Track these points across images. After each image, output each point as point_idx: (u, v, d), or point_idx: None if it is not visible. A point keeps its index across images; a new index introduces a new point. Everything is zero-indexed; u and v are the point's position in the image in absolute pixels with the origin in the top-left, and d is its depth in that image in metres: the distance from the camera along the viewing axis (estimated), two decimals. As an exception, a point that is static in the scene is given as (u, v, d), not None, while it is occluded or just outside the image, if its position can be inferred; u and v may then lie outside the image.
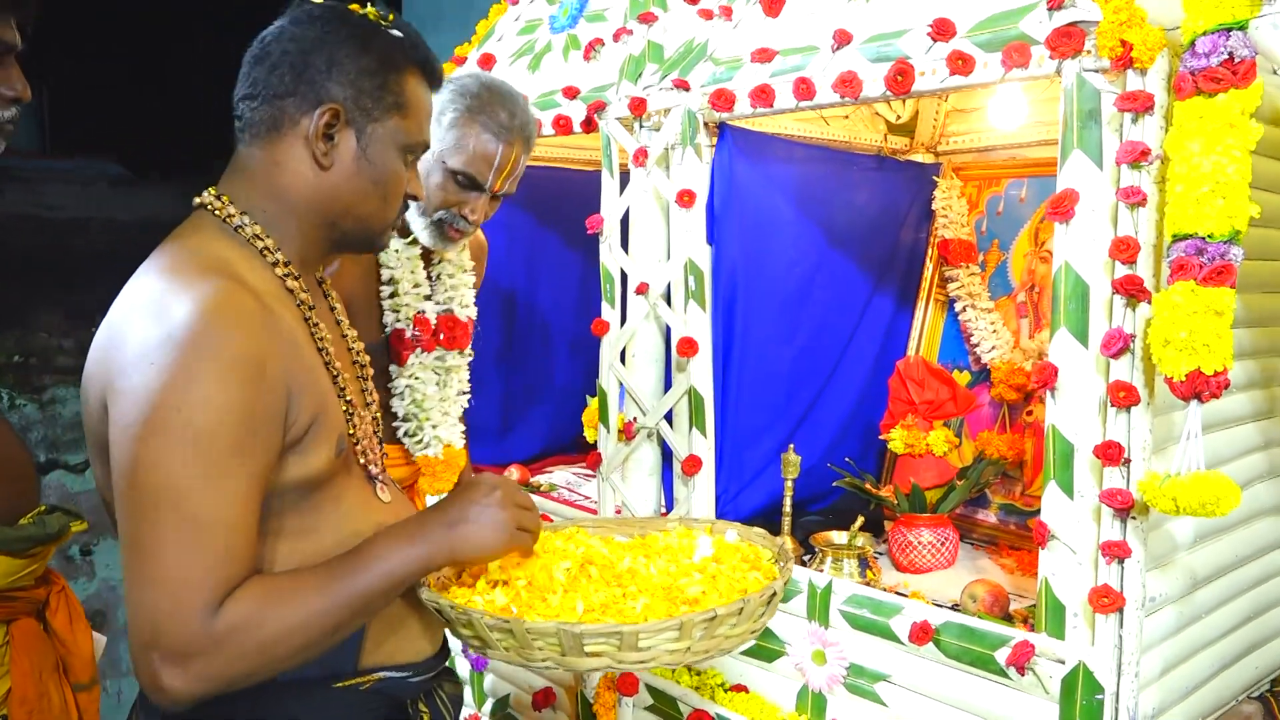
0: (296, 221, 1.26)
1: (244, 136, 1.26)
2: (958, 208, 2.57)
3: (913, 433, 2.25)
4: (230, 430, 1.07)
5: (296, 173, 1.24)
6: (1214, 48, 1.37)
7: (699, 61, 2.12)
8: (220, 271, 1.14)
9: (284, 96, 1.22)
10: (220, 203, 1.24)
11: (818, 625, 1.89)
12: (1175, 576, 1.68)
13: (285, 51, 1.22)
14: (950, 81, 1.70)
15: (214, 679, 1.07)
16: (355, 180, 1.25)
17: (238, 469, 1.08)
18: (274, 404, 1.12)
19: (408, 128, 1.27)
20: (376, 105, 1.24)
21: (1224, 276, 1.38)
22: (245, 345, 1.10)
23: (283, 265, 1.24)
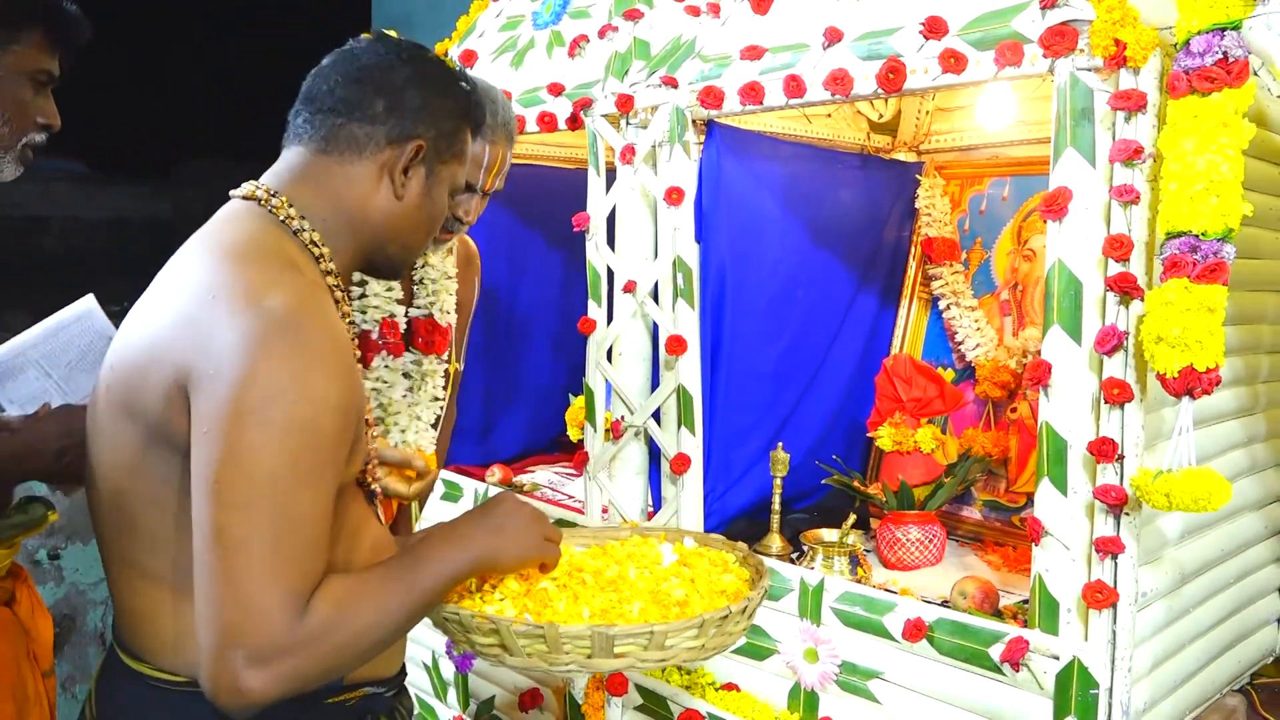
0: (353, 238, 1.28)
1: (311, 145, 1.27)
2: (941, 206, 2.59)
3: (900, 430, 2.26)
4: (330, 425, 1.07)
5: (368, 195, 1.27)
6: (1208, 47, 1.38)
7: (687, 58, 2.11)
8: (296, 268, 1.16)
9: (374, 122, 1.26)
10: (279, 202, 1.24)
11: (809, 623, 1.89)
12: (1165, 571, 1.70)
13: (382, 80, 1.26)
14: (943, 80, 1.71)
15: (297, 679, 1.04)
16: (417, 213, 1.31)
17: (330, 465, 1.08)
18: (357, 404, 1.13)
19: (460, 173, 1.36)
20: (448, 149, 1.31)
21: (1217, 274, 1.39)
22: (337, 341, 1.11)
23: (335, 276, 1.25)
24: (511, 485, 2.78)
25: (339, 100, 1.26)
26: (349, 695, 1.27)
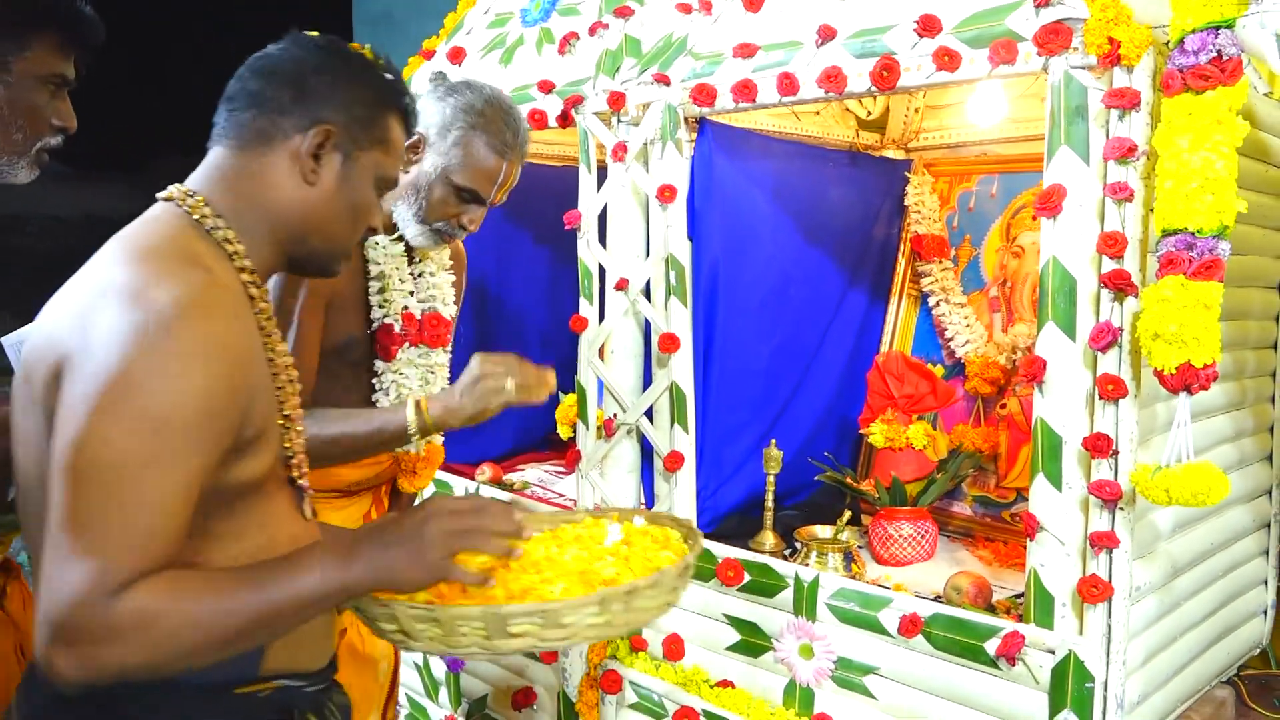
0: (269, 231, 1.28)
1: (227, 141, 1.28)
2: (930, 203, 2.60)
3: (893, 427, 2.26)
4: (187, 420, 1.07)
5: (280, 185, 1.27)
6: (1203, 45, 1.40)
7: (678, 56, 2.11)
8: (199, 265, 1.15)
9: (281, 112, 1.26)
10: (194, 201, 1.24)
11: (805, 620, 1.89)
12: (1158, 565, 1.71)
13: (287, 70, 1.27)
14: (936, 77, 1.72)
15: (101, 668, 1.02)
16: (334, 201, 1.29)
17: (184, 460, 1.07)
18: (236, 403, 1.13)
19: (385, 163, 1.33)
20: (365, 136, 1.30)
21: (1213, 271, 1.40)
22: (222, 340, 1.11)
23: (249, 272, 1.25)
24: (501, 483, 2.78)
25: (247, 95, 1.27)
26: (261, 686, 1.25)
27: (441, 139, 1.82)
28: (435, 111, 1.83)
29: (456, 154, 1.83)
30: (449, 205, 1.86)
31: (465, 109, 1.83)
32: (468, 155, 1.83)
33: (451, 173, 1.83)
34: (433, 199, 1.84)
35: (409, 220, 1.86)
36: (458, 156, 1.83)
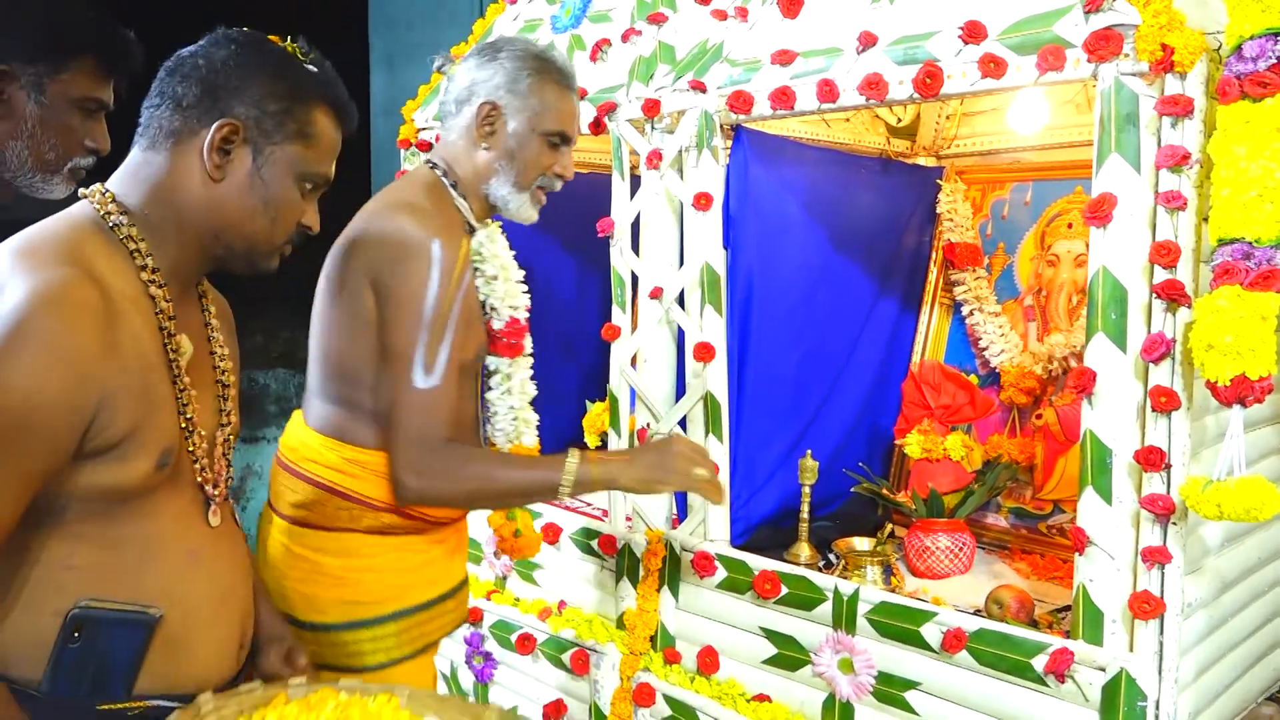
0: (177, 229, 1.26)
1: (142, 140, 1.28)
2: (962, 211, 2.57)
3: (930, 437, 2.24)
4: (19, 417, 1.06)
5: (187, 181, 1.25)
6: (1261, 52, 1.37)
7: (714, 63, 2.09)
8: (77, 264, 1.14)
9: (189, 108, 1.25)
10: (103, 199, 1.25)
11: (844, 633, 1.87)
12: (1207, 581, 1.68)
13: (198, 66, 1.26)
14: (981, 84, 1.69)
15: None
16: (247, 197, 1.27)
17: (15, 454, 1.07)
18: (75, 407, 1.10)
19: (308, 157, 1.30)
20: (278, 130, 1.27)
21: (1270, 281, 1.38)
22: (62, 342, 1.08)
23: (150, 271, 1.23)
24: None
25: (160, 92, 1.27)
26: (131, 705, 1.21)
27: (514, 95, 1.73)
28: (491, 74, 1.73)
29: (535, 102, 1.74)
30: (544, 157, 1.77)
31: (520, 58, 1.75)
32: (545, 99, 1.75)
33: (537, 123, 1.74)
34: (528, 158, 1.75)
35: (509, 193, 1.77)
36: (537, 104, 1.74)
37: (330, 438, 1.67)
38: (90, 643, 1.17)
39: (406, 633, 1.72)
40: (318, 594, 1.67)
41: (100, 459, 1.14)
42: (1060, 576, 2.21)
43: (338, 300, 1.64)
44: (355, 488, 1.65)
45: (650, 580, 2.16)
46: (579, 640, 2.25)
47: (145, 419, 1.17)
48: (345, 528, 1.67)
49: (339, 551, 1.68)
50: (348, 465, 1.65)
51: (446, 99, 1.78)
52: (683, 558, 2.12)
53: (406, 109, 2.79)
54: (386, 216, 1.63)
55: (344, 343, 1.65)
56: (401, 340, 1.57)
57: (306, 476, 1.67)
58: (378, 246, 1.60)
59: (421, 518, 1.71)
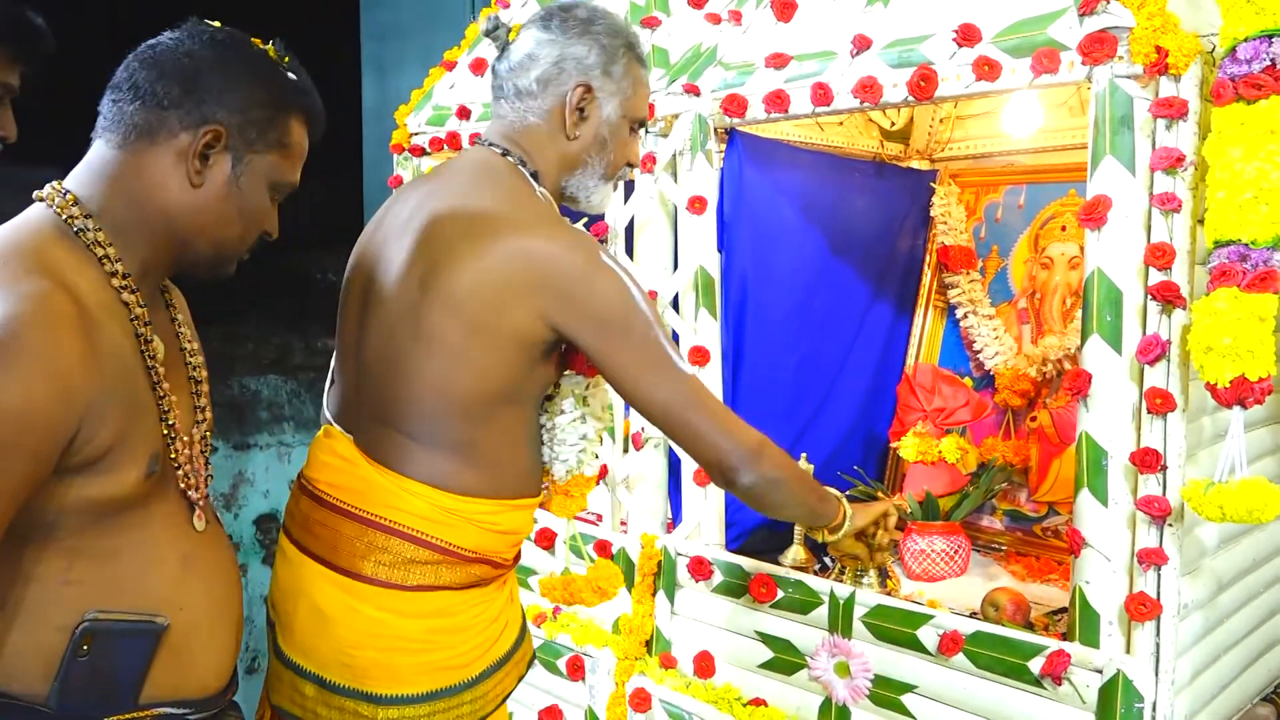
0: (148, 233, 1.21)
1: (109, 136, 1.21)
2: (956, 214, 2.58)
3: (925, 440, 2.24)
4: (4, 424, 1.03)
5: (162, 185, 1.20)
6: (1256, 54, 1.38)
7: (708, 66, 2.09)
8: (48, 275, 1.09)
9: (167, 107, 1.19)
10: (64, 201, 1.18)
11: (840, 637, 1.86)
12: (1203, 582, 1.68)
13: (179, 64, 1.19)
14: (976, 87, 1.69)
15: None
16: (223, 206, 1.23)
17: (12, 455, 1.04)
18: (60, 420, 1.07)
19: (282, 167, 1.27)
20: (260, 138, 1.23)
21: (1268, 283, 1.38)
22: (46, 358, 1.05)
23: (120, 277, 1.18)
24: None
25: (132, 87, 1.19)
26: (139, 714, 1.20)
27: (609, 77, 1.51)
28: (585, 51, 1.50)
29: (628, 85, 1.54)
30: (630, 146, 1.59)
31: (616, 33, 1.53)
32: (638, 82, 1.56)
33: (630, 108, 1.55)
34: (619, 146, 1.57)
35: (595, 184, 1.58)
36: (630, 87, 1.54)
37: (419, 482, 1.44)
38: (99, 655, 1.16)
39: (494, 689, 1.55)
40: (399, 662, 1.45)
41: (89, 471, 1.12)
42: (1056, 579, 2.21)
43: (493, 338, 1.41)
44: (447, 537, 1.45)
45: (645, 585, 2.16)
46: (574, 646, 2.24)
47: (131, 427, 1.15)
48: (432, 585, 1.46)
49: (425, 613, 1.46)
50: (440, 513, 1.44)
51: (515, 76, 1.51)
52: (678, 562, 2.12)
53: (399, 114, 2.78)
54: (517, 241, 1.40)
55: (477, 382, 1.42)
56: (637, 351, 1.41)
57: (386, 526, 1.44)
58: (542, 285, 1.39)
59: (504, 563, 1.54)
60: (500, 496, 1.49)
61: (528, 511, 1.56)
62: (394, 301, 1.44)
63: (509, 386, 1.45)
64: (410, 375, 1.43)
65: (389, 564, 1.44)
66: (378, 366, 1.47)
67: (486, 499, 1.47)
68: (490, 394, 1.44)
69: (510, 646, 1.58)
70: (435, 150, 2.64)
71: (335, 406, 1.57)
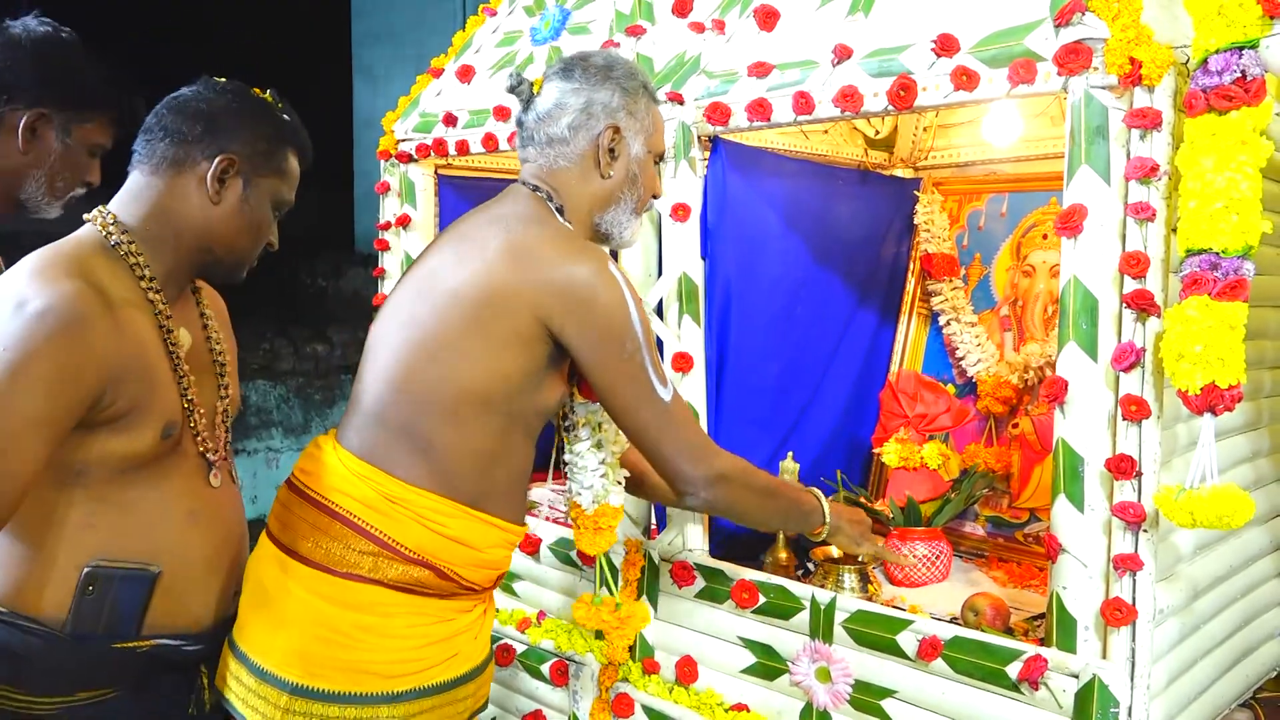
0: (174, 243, 1.53)
1: (143, 166, 1.54)
2: (939, 222, 2.60)
3: (907, 446, 2.25)
4: (23, 380, 1.31)
5: (187, 203, 1.53)
6: (1227, 66, 1.39)
7: (691, 75, 2.10)
8: (81, 278, 1.40)
9: (191, 142, 1.52)
10: (105, 220, 1.52)
11: (821, 642, 1.87)
12: (1179, 588, 1.70)
13: (200, 108, 1.53)
14: (954, 97, 1.71)
15: None
16: (237, 218, 1.55)
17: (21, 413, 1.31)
18: (81, 383, 1.36)
19: (281, 189, 1.60)
20: (265, 166, 1.56)
21: (1237, 291, 1.40)
22: (68, 338, 1.35)
23: (147, 280, 1.50)
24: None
25: (162, 127, 1.53)
26: (139, 644, 1.47)
27: (633, 117, 1.63)
28: (610, 96, 1.61)
29: (649, 122, 1.66)
30: (655, 178, 1.70)
31: (632, 75, 1.65)
32: (656, 119, 1.68)
33: (653, 143, 1.67)
34: (647, 180, 1.68)
35: (628, 219, 1.68)
36: (651, 124, 1.66)
37: (370, 465, 1.49)
38: (102, 595, 1.44)
39: (425, 715, 1.52)
40: (316, 652, 1.46)
41: (111, 429, 1.42)
42: (1036, 584, 2.23)
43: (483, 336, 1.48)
44: (387, 529, 1.47)
45: (629, 590, 2.16)
46: (558, 651, 2.25)
47: (147, 397, 1.44)
48: (365, 577, 1.47)
49: (353, 605, 1.47)
50: (383, 502, 1.47)
51: (545, 125, 1.62)
52: (661, 568, 2.13)
53: (386, 120, 2.79)
54: (527, 245, 1.49)
55: (463, 377, 1.48)
56: (623, 370, 1.49)
57: (329, 508, 1.49)
58: (548, 291, 1.46)
59: (456, 579, 1.53)
60: (455, 499, 1.51)
61: (494, 531, 1.56)
62: (402, 304, 1.57)
63: (492, 391, 1.49)
64: (398, 363, 1.53)
65: (324, 546, 1.48)
66: (375, 359, 1.58)
67: (436, 495, 1.49)
68: (471, 395, 1.49)
69: (453, 678, 1.55)
70: (422, 156, 2.66)
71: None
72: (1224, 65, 1.40)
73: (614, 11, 2.35)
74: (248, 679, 1.50)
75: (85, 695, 1.44)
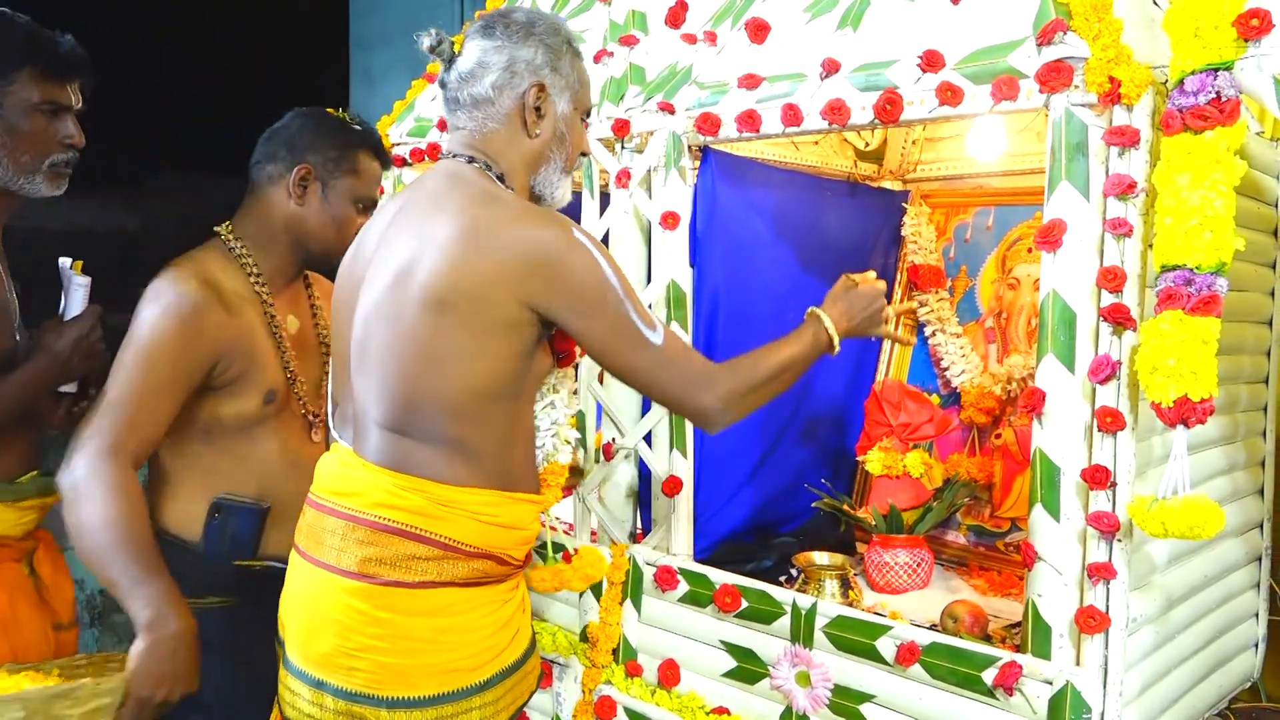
0: (274, 243, 1.92)
1: (250, 187, 1.93)
2: (927, 234, 2.63)
3: (890, 454, 2.28)
4: (155, 353, 1.73)
5: (281, 209, 1.91)
6: (1202, 86, 1.43)
7: (683, 85, 2.13)
8: (200, 277, 1.81)
9: (278, 160, 1.90)
10: (225, 230, 1.93)
11: (802, 647, 1.90)
12: (1154, 597, 1.73)
13: (280, 132, 1.92)
14: (939, 111, 1.74)
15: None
16: (321, 215, 1.91)
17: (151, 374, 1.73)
18: (198, 354, 1.77)
19: (357, 186, 1.93)
20: (337, 169, 1.91)
21: (1211, 306, 1.43)
22: (187, 319, 1.75)
23: (255, 277, 1.90)
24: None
25: (260, 153, 1.92)
26: (255, 562, 1.87)
27: (558, 74, 1.59)
28: (533, 53, 1.56)
29: (575, 79, 1.62)
30: (582, 135, 1.66)
31: (554, 31, 1.60)
32: (582, 74, 1.63)
33: (579, 100, 1.63)
34: (575, 138, 1.64)
35: (557, 179, 1.64)
36: (576, 81, 1.62)
37: (414, 476, 1.48)
38: (224, 523, 1.84)
39: (505, 698, 1.56)
40: (407, 664, 1.47)
41: (225, 393, 1.82)
42: (1016, 593, 2.25)
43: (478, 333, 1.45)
44: (447, 532, 1.48)
45: (614, 594, 2.19)
46: (543, 653, 2.27)
47: (252, 369, 1.84)
48: (435, 581, 1.48)
49: (430, 610, 1.48)
50: (437, 508, 1.47)
51: (468, 85, 1.56)
52: (645, 572, 2.15)
53: (382, 124, 2.81)
54: (495, 233, 1.45)
55: (467, 379, 1.46)
56: (612, 328, 1.48)
57: (388, 526, 1.47)
58: (523, 272, 1.44)
59: (511, 560, 1.56)
60: (496, 488, 1.52)
61: (529, 506, 1.60)
62: (381, 313, 1.50)
63: (498, 382, 1.49)
64: (403, 378, 1.48)
65: (390, 562, 1.46)
66: (372, 374, 1.52)
67: (483, 489, 1.50)
68: (480, 391, 1.48)
69: (520, 655, 1.58)
70: (417, 161, 2.68)
71: (338, 424, 1.65)
72: (1200, 86, 1.43)
73: (608, 21, 2.37)
74: (333, 703, 1.49)
75: (215, 600, 1.82)
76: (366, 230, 1.63)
